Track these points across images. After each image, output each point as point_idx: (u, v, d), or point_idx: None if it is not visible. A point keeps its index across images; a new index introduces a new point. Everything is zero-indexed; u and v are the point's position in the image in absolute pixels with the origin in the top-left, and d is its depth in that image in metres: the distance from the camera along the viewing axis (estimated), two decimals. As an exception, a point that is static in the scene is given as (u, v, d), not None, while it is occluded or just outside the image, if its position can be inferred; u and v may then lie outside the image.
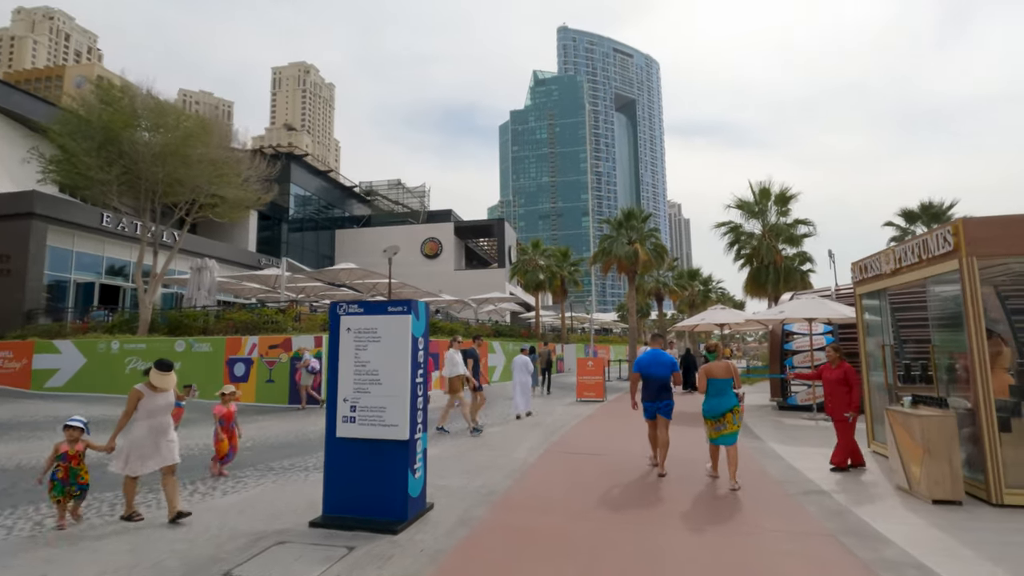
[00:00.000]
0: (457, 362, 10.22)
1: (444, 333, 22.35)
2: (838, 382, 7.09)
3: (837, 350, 7.45)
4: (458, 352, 10.38)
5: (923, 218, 32.33)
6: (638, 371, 7.17)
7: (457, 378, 10.18)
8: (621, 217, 27.03)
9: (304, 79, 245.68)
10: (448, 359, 10.27)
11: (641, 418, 7.40)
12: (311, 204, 42.75)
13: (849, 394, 6.96)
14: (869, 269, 8.01)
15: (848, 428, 7.01)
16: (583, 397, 16.08)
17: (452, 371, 10.17)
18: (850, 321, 11.77)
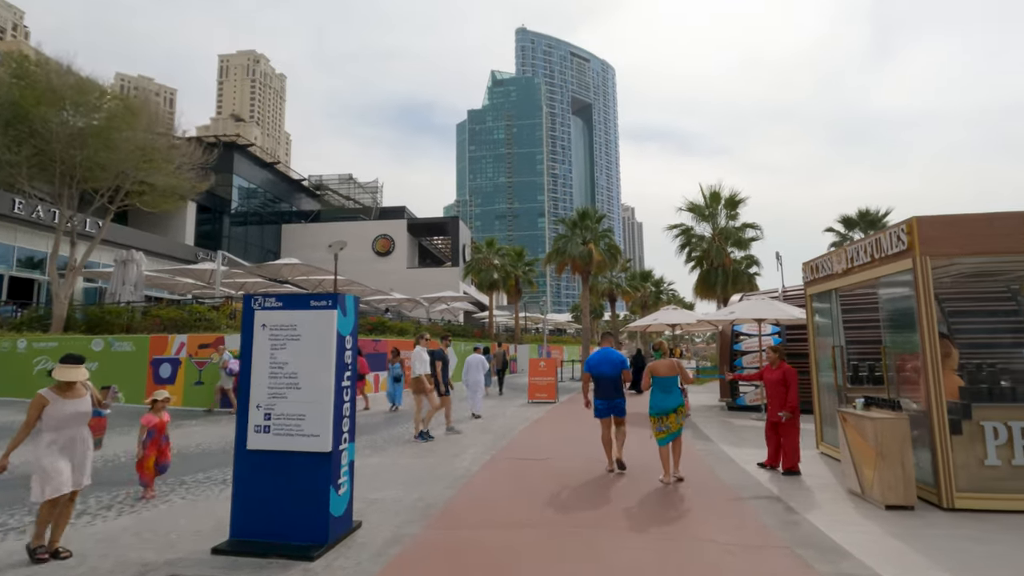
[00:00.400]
0: (424, 360, 9.64)
1: (394, 332, 21.56)
2: (778, 383, 6.95)
3: (777, 351, 7.33)
4: (425, 350, 9.78)
5: (860, 224, 33.86)
6: (589, 371, 7.21)
7: (420, 378, 9.55)
8: (576, 217, 26.93)
9: (254, 69, 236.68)
10: (415, 357, 9.72)
11: (592, 420, 7.31)
12: (256, 197, 40.84)
13: (786, 394, 6.83)
14: (820, 269, 7.93)
15: (791, 428, 6.88)
16: (535, 398, 15.71)
17: (420, 369, 9.55)
18: (799, 322, 11.86)
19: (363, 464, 7.48)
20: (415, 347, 9.93)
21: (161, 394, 6.04)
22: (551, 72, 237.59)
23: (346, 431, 4.69)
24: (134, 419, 12.40)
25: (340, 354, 4.61)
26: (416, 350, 9.79)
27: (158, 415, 5.89)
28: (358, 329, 4.99)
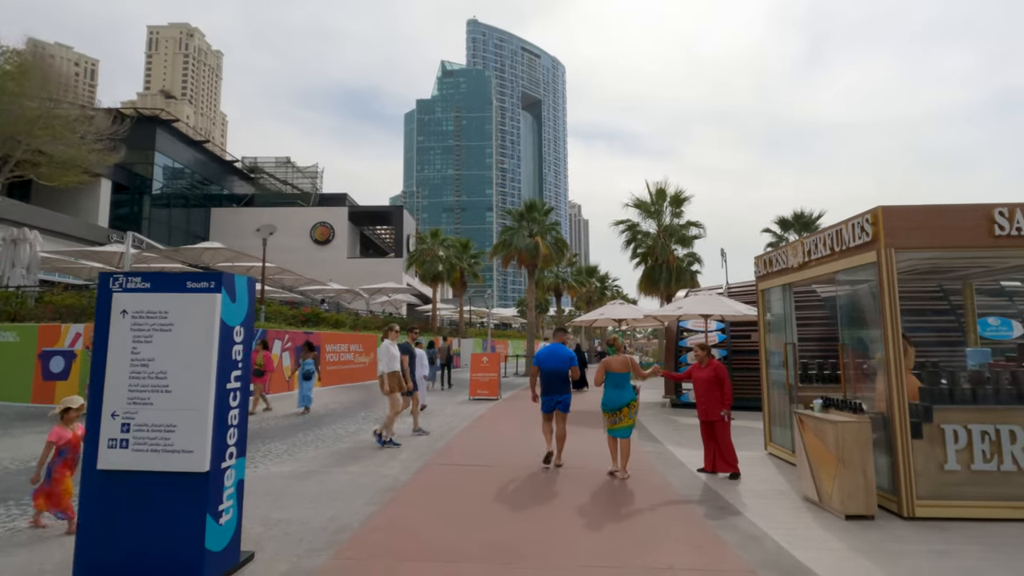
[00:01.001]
0: (394, 355, 8.69)
1: (328, 324, 20.28)
2: (709, 381, 6.63)
3: (704, 348, 7.00)
4: (394, 344, 8.77)
5: (795, 226, 35.11)
6: (537, 364, 7.15)
7: (393, 375, 8.54)
8: (523, 209, 26.35)
9: (187, 43, 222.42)
10: (382, 352, 8.72)
11: (535, 419, 7.30)
12: (183, 178, 37.95)
13: (721, 392, 6.55)
14: (774, 263, 7.61)
15: (726, 428, 6.54)
16: (477, 395, 15.00)
17: (388, 366, 8.59)
18: (746, 319, 11.71)
19: (271, 475, 6.53)
20: (382, 341, 8.94)
21: (74, 401, 4.71)
22: (502, 66, 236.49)
23: (232, 444, 3.79)
24: (15, 421, 10.82)
25: (226, 349, 3.71)
26: (384, 345, 8.78)
27: (71, 428, 4.65)
28: (253, 318, 4.07)
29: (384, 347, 8.76)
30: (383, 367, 8.67)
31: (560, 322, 42.65)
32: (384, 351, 8.72)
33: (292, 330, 17.49)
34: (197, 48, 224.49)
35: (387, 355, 8.67)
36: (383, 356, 8.71)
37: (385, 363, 8.65)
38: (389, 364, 8.62)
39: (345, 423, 10.85)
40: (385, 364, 8.64)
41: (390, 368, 8.61)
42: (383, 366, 8.68)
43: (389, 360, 8.64)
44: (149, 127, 33.15)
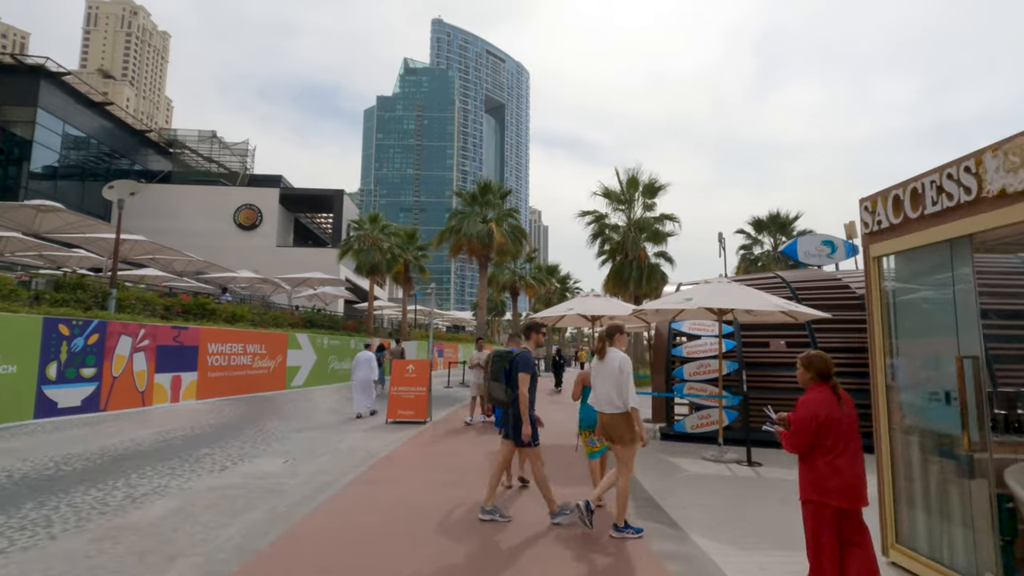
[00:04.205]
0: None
1: (221, 319, 15.86)
2: (851, 426, 3.38)
3: (820, 364, 3.51)
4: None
5: (771, 227, 32.68)
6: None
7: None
8: (476, 190, 22.51)
9: (130, 21, 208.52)
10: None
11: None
12: (81, 146, 32.26)
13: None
14: (925, 199, 3.98)
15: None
16: (397, 417, 11.00)
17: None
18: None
19: None
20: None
21: None
22: (466, 67, 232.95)
23: None
24: None
25: None
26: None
27: None
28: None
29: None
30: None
31: (517, 327, 38.89)
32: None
33: (158, 324, 13.04)
34: (141, 27, 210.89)
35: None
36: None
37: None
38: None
39: (167, 468, 6.69)
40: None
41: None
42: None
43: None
44: (31, 79, 27.59)
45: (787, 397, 9.26)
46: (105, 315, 11.71)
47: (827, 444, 3.29)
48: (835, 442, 3.29)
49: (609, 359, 4.83)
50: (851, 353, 9.58)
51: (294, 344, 18.39)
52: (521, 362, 4.94)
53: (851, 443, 3.28)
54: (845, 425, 3.33)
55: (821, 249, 13.52)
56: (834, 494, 3.21)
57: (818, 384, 3.48)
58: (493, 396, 5.14)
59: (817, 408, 3.31)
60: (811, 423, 3.29)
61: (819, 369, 3.52)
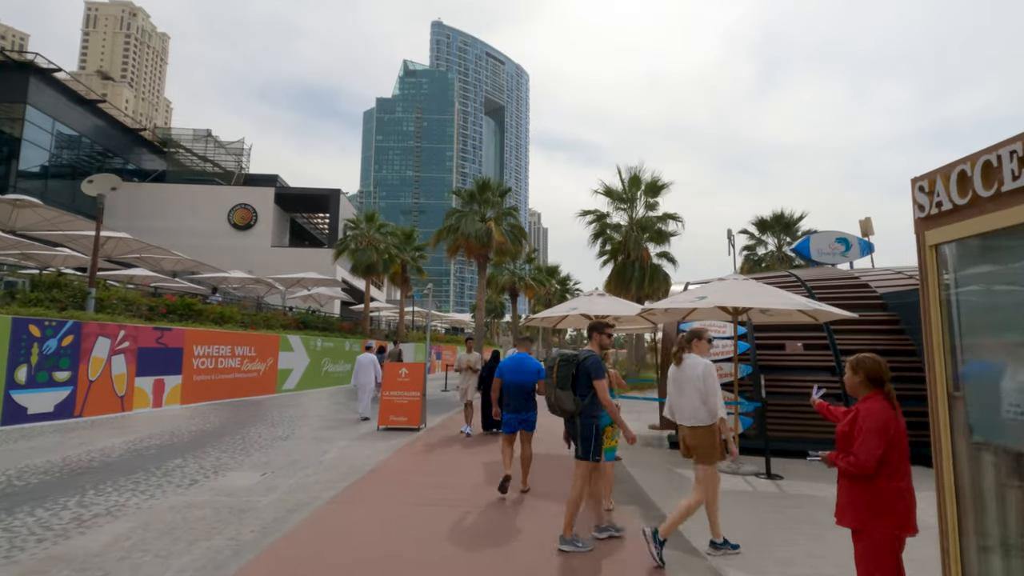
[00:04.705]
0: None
1: (209, 320, 15.26)
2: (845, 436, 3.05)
3: (865, 368, 3.02)
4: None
5: (775, 228, 32.06)
6: (500, 376, 6.32)
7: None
8: (475, 188, 21.91)
9: (129, 23, 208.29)
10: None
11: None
12: (73, 145, 31.66)
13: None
14: (991, 178, 3.39)
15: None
16: (389, 423, 10.38)
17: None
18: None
19: None
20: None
21: None
22: (465, 69, 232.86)
23: None
24: None
25: None
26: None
27: None
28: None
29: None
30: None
31: (516, 329, 38.25)
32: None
33: (139, 325, 12.42)
34: (140, 29, 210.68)
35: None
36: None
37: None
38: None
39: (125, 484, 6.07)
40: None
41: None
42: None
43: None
44: (20, 76, 26.99)
45: (804, 404, 8.66)
46: (82, 315, 11.09)
47: (892, 463, 2.83)
48: (899, 461, 2.83)
49: (688, 366, 4.30)
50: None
51: (286, 346, 17.77)
52: (594, 368, 4.34)
53: (908, 462, 2.86)
54: (906, 442, 2.87)
55: (835, 247, 12.94)
56: (900, 522, 2.76)
57: (873, 392, 2.99)
58: (560, 406, 4.47)
59: (886, 419, 2.85)
60: (883, 436, 2.79)
61: (871, 373, 3.01)
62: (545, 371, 4.65)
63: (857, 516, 2.83)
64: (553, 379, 4.49)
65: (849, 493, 2.89)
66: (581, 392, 4.34)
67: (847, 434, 2.96)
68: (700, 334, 4.52)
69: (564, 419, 4.57)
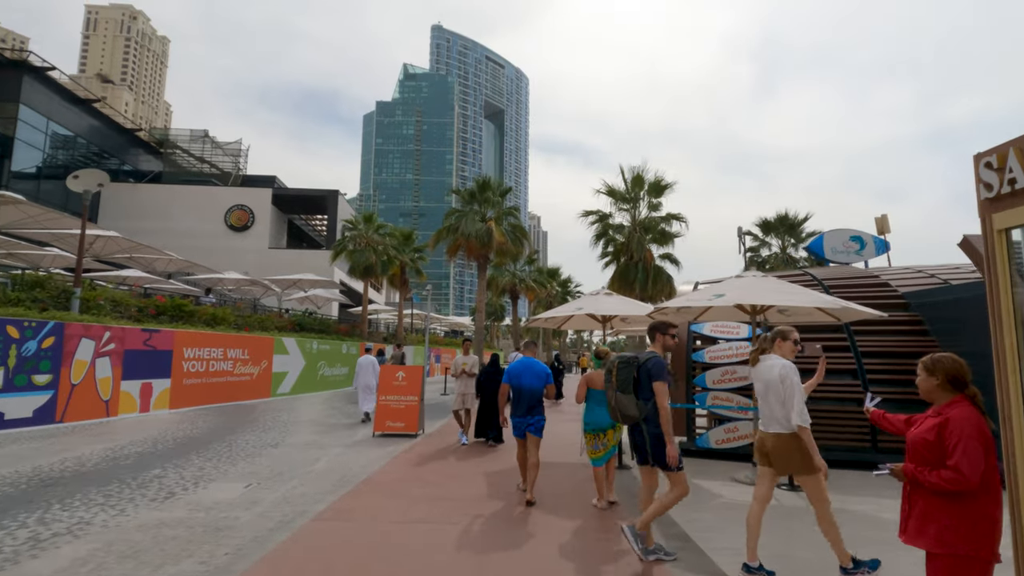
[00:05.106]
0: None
1: (201, 321, 14.79)
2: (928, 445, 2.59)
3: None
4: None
5: (779, 229, 31.60)
6: (508, 381, 6.12)
7: None
8: (475, 188, 21.46)
9: (129, 26, 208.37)
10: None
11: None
12: (69, 146, 31.26)
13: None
14: None
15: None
16: (385, 430, 9.89)
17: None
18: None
19: None
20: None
21: None
22: (465, 73, 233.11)
23: None
24: None
25: None
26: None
27: None
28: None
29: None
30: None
31: (516, 332, 37.76)
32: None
33: (126, 326, 11.94)
34: (140, 32, 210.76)
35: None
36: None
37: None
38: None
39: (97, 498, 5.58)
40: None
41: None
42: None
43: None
44: (13, 74, 26.58)
45: (825, 409, 8.18)
46: (65, 316, 10.61)
47: (988, 479, 2.42)
48: (993, 476, 2.41)
49: (765, 367, 3.91)
50: (895, 358, 8.52)
51: (280, 349, 17.28)
52: (656, 370, 4.00)
53: (999, 478, 2.44)
54: (995, 455, 2.45)
55: (849, 245, 12.48)
56: (992, 546, 2.36)
57: (957, 396, 2.54)
58: (622, 412, 4.12)
59: (984, 428, 2.45)
60: (985, 447, 2.40)
61: (953, 374, 2.56)
62: (605, 374, 4.29)
63: (941, 538, 2.38)
64: (613, 383, 4.16)
65: (932, 511, 2.45)
66: (644, 396, 4.00)
67: (930, 443, 2.50)
68: (786, 334, 4.06)
69: (627, 426, 4.23)
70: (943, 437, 2.47)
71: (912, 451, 2.64)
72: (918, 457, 2.58)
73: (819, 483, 3.74)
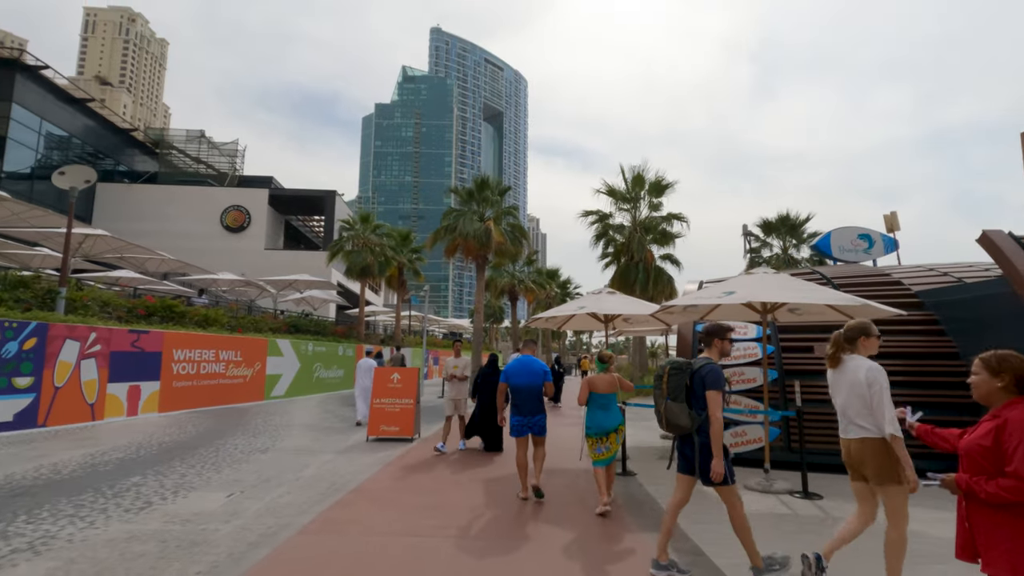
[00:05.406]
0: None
1: (192, 322, 14.44)
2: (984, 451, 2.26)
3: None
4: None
5: (781, 229, 31.30)
6: (505, 381, 6.02)
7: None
8: (473, 187, 21.14)
9: (128, 28, 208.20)
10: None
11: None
12: (64, 146, 30.89)
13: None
14: None
15: None
16: (380, 434, 9.54)
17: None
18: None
19: None
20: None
21: None
22: (464, 76, 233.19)
23: None
24: None
25: None
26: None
27: None
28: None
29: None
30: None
31: (516, 334, 37.41)
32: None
33: (113, 327, 11.58)
34: (139, 34, 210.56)
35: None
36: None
37: None
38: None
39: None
40: None
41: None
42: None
43: None
44: (5, 73, 26.23)
45: (834, 412, 7.85)
46: (48, 316, 10.25)
47: None
48: None
49: (849, 368, 3.53)
50: (910, 359, 8.20)
51: (274, 351, 16.92)
52: (710, 377, 3.69)
53: None
54: None
55: (857, 244, 12.17)
56: None
57: (1018, 397, 2.22)
58: (672, 421, 3.81)
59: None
60: None
61: (1022, 374, 2.22)
62: (654, 380, 3.96)
63: (1015, 565, 2.05)
64: (663, 390, 3.83)
65: (994, 528, 2.11)
66: (698, 406, 3.70)
67: (986, 449, 2.17)
68: (868, 330, 3.65)
69: (678, 437, 3.87)
70: (1001, 441, 2.15)
71: (966, 459, 2.32)
72: (974, 466, 2.26)
73: (903, 497, 3.37)
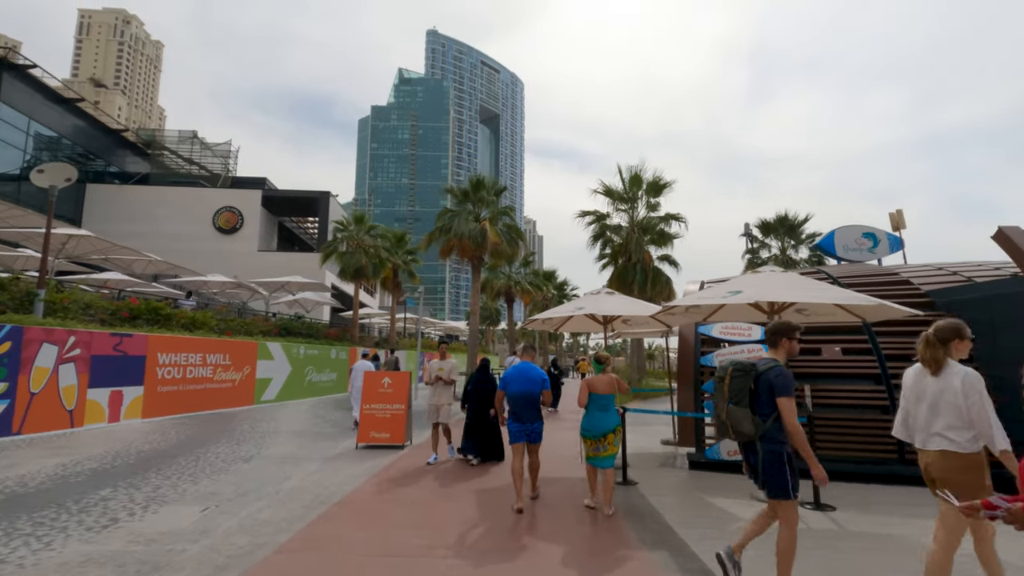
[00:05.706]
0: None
1: (179, 325, 14.03)
2: None
3: None
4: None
5: (780, 230, 31.06)
6: (503, 388, 5.97)
7: None
8: (468, 187, 20.79)
9: (123, 30, 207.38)
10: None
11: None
12: (53, 146, 30.40)
13: None
14: None
15: None
16: (370, 441, 9.16)
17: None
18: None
19: None
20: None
21: None
22: (460, 78, 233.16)
23: None
24: None
25: None
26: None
27: None
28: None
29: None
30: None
31: (512, 336, 37.00)
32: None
33: (94, 331, 11.17)
34: (134, 36, 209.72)
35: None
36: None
37: None
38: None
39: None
40: None
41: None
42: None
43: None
44: (-11, 69, 25.76)
45: (848, 417, 7.53)
46: (23, 319, 9.84)
47: None
48: None
49: (948, 374, 3.13)
50: (920, 362, 7.92)
51: (264, 354, 16.51)
52: (779, 381, 3.36)
53: None
54: None
55: (861, 242, 11.87)
56: None
57: None
58: (735, 428, 3.48)
59: None
60: None
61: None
62: (713, 383, 3.63)
63: None
64: (724, 393, 3.51)
65: None
66: (762, 412, 3.36)
67: None
68: (961, 332, 3.23)
69: (740, 444, 3.53)
70: None
71: None
72: None
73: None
